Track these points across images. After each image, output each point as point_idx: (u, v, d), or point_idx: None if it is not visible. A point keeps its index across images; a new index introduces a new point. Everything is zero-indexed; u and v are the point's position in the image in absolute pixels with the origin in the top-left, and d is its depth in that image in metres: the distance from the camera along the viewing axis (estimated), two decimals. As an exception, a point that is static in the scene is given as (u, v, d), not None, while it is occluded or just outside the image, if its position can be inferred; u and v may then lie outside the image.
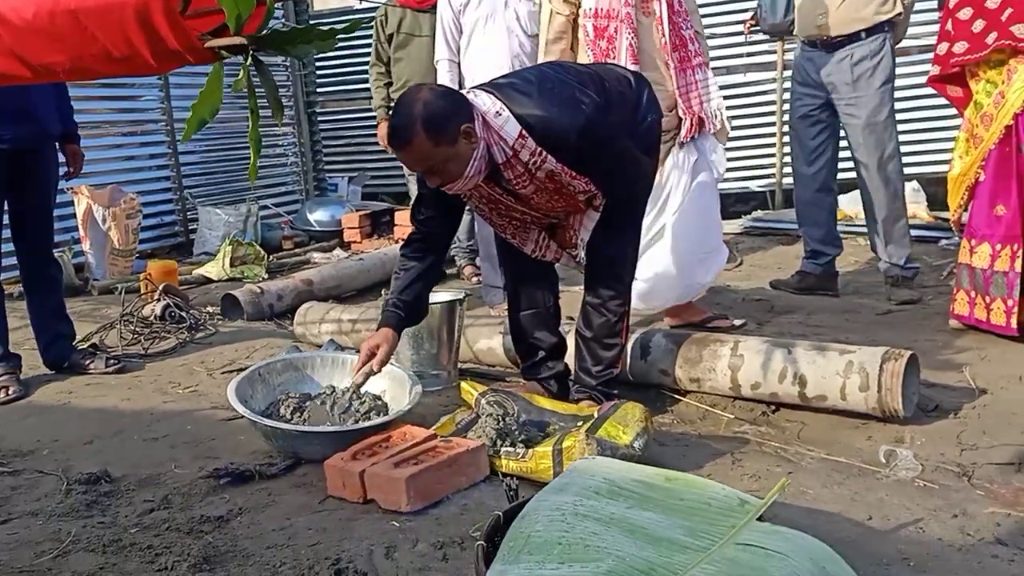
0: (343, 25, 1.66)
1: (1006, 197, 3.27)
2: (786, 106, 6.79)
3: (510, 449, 2.28)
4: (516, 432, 2.37)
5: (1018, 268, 3.22)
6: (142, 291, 4.68)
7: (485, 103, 2.37)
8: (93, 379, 3.55)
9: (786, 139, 6.85)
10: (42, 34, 1.69)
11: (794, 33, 4.29)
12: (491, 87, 2.46)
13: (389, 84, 5.02)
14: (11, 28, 1.70)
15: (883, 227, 4.06)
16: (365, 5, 8.03)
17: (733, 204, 6.76)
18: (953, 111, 6.06)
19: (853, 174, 4.21)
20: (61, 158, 3.67)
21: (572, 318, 3.42)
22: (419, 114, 2.27)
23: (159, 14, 1.56)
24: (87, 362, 3.65)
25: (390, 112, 4.98)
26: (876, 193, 4.03)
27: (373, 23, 5.05)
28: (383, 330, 2.58)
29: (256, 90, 1.77)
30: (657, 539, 1.50)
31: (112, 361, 3.67)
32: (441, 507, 2.11)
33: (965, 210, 3.52)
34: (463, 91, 2.47)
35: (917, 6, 6.08)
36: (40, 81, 1.98)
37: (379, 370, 2.56)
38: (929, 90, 6.07)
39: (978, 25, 3.38)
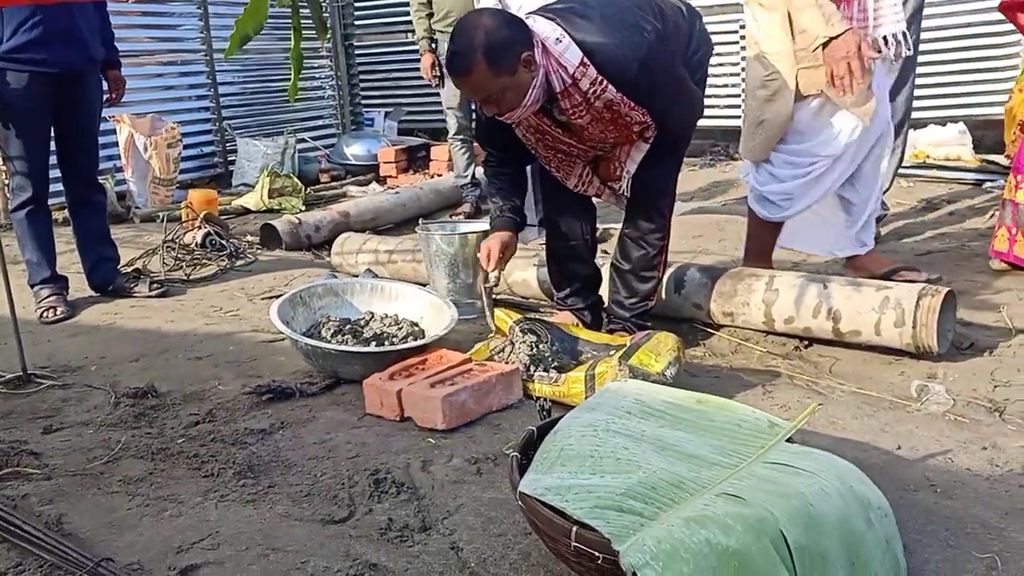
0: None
1: None
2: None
3: (543, 374, 2.32)
4: (549, 358, 2.42)
5: None
6: (183, 219, 4.76)
7: (544, 29, 2.33)
8: (137, 302, 3.64)
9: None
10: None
11: None
12: (551, 12, 2.42)
13: (431, 15, 4.98)
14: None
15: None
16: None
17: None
18: (1004, 52, 5.93)
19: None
20: (104, 85, 3.72)
21: (607, 252, 3.44)
22: (480, 42, 2.23)
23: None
24: (131, 285, 3.74)
25: (432, 44, 5.00)
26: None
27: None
28: (503, 232, 2.63)
29: (300, 8, 1.79)
30: (687, 456, 1.54)
31: (155, 285, 3.76)
32: (475, 426, 2.17)
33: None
34: (523, 16, 2.43)
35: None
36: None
37: (504, 267, 2.65)
38: (977, 30, 5.95)
39: None
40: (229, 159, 6.68)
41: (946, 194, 4.97)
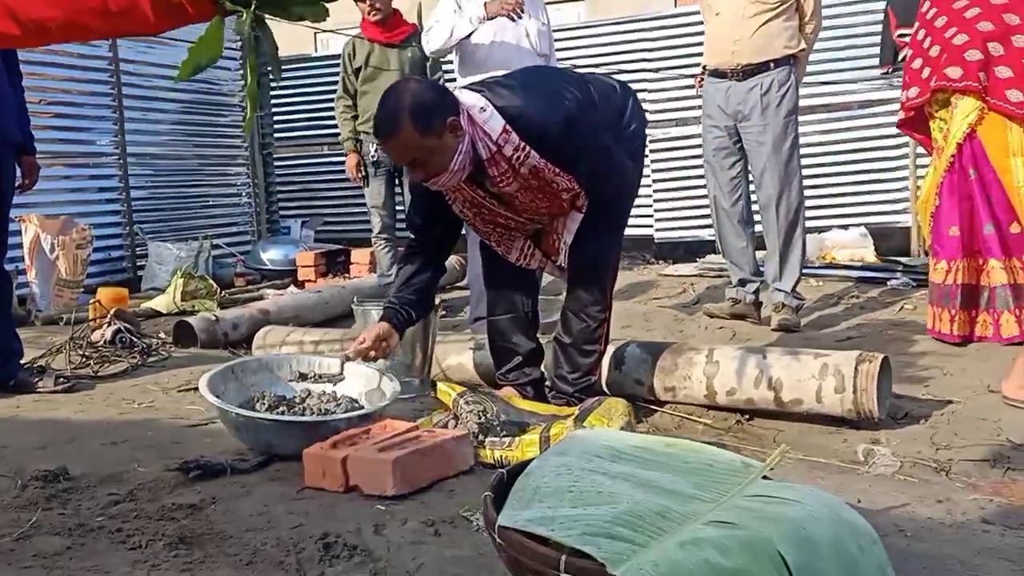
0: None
1: (956, 218, 3.53)
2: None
3: (495, 439, 2.23)
4: (498, 427, 2.34)
5: (959, 281, 3.52)
6: (91, 316, 4.52)
7: (469, 99, 2.40)
8: (41, 397, 3.38)
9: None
10: (40, -16, 1.66)
11: (703, 65, 4.31)
12: (477, 85, 2.50)
13: (355, 117, 5.04)
14: (6, -22, 1.66)
15: (781, 253, 4.16)
16: (321, 59, 8.13)
17: (684, 252, 6.89)
18: (896, 164, 6.41)
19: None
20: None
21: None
22: (407, 104, 2.28)
23: (165, -41, 1.54)
24: (35, 380, 3.48)
25: (357, 144, 5.05)
26: (781, 219, 4.13)
27: (341, 56, 5.10)
28: (382, 323, 2.55)
29: (257, 47, 1.76)
30: (667, 491, 1.48)
31: (61, 380, 3.50)
32: (427, 492, 2.04)
33: None
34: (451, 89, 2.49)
35: (859, 64, 6.43)
36: (29, 42, 1.92)
37: (372, 357, 2.53)
38: (872, 144, 6.42)
39: (925, 72, 3.65)
40: (138, 264, 6.45)
41: (853, 291, 5.17)
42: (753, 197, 4.34)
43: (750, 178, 4.31)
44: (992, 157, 3.47)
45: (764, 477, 1.59)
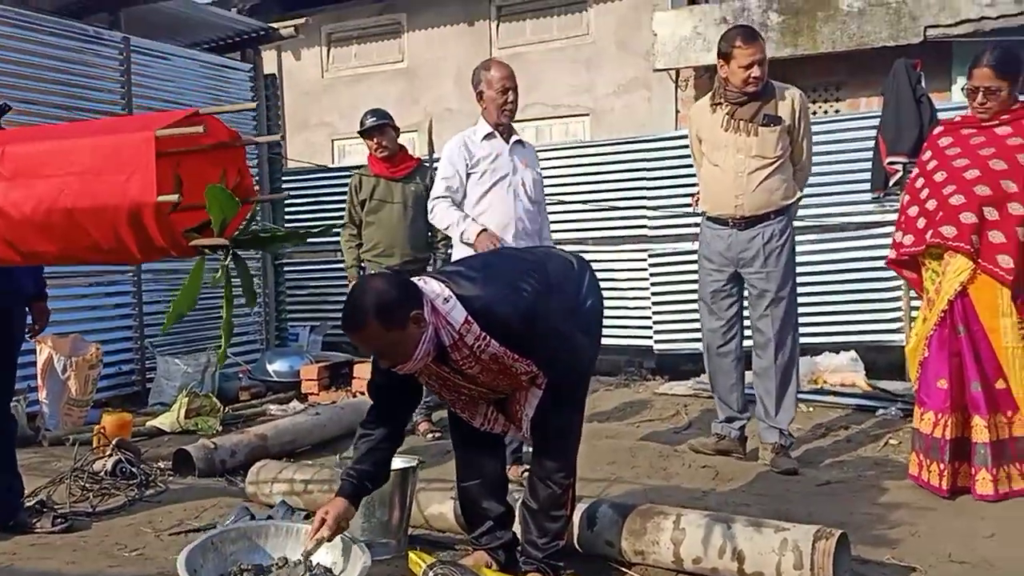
0: (318, 228, 1.86)
1: (945, 372, 3.63)
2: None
3: (455, 625, 2.32)
4: (462, 607, 2.43)
5: (948, 436, 3.58)
6: (95, 445, 4.67)
7: (434, 289, 2.56)
8: (38, 539, 3.50)
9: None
10: (37, 227, 1.85)
11: (701, 212, 4.45)
12: (443, 273, 2.67)
13: (360, 245, 5.27)
14: (8, 220, 1.87)
15: (777, 394, 4.25)
16: (337, 170, 8.43)
17: (684, 363, 6.98)
18: (889, 284, 6.51)
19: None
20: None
21: (522, 485, 3.50)
22: (371, 303, 2.45)
23: (150, 216, 1.74)
24: (33, 520, 3.61)
25: (360, 271, 5.27)
26: (779, 360, 4.24)
27: (348, 186, 5.36)
28: (337, 499, 2.66)
29: (231, 279, 1.93)
30: None
31: (59, 520, 3.63)
32: None
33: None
34: (416, 279, 2.64)
35: (853, 187, 6.62)
36: (28, 264, 2.13)
37: (330, 539, 2.61)
38: (865, 264, 6.55)
39: (921, 222, 3.80)
40: (148, 377, 6.62)
41: (842, 420, 5.24)
42: (747, 340, 4.43)
43: (744, 317, 4.42)
44: (982, 316, 3.59)
45: None
